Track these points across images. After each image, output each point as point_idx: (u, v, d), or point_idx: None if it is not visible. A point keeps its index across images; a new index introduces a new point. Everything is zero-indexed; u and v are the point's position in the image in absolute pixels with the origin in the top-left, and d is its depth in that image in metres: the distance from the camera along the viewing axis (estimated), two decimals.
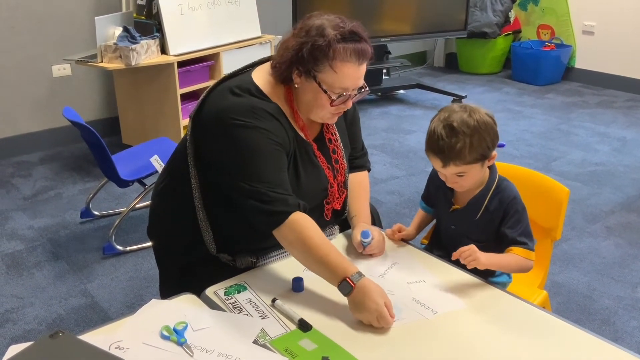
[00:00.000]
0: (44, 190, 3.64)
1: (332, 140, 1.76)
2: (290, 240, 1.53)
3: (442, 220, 1.82)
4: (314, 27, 1.54)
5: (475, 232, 1.71)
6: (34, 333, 2.39)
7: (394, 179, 3.79)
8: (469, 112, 1.59)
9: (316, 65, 1.54)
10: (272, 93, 1.62)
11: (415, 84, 5.47)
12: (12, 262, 2.88)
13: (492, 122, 1.61)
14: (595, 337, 1.37)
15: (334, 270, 1.47)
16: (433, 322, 1.43)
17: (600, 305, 2.56)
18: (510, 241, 1.65)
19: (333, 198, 1.74)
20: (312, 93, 1.58)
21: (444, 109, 1.63)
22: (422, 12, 5.15)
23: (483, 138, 1.57)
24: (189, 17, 3.87)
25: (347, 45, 1.53)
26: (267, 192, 1.52)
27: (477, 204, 1.69)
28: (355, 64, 1.55)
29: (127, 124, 4.29)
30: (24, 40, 3.99)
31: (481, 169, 1.64)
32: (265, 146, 1.55)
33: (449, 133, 1.56)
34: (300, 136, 1.66)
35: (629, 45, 5.45)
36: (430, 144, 1.60)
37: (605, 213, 3.36)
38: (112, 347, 1.31)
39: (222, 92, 1.62)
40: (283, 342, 1.34)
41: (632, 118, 4.93)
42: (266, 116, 1.56)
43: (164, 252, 1.86)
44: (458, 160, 1.57)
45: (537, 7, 5.98)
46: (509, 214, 1.66)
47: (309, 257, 1.51)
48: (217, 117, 1.58)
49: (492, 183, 1.68)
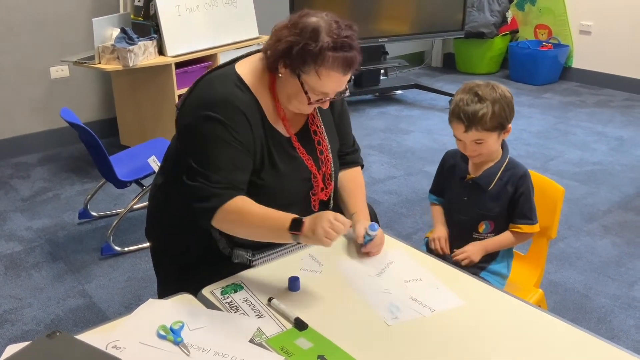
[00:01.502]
0: (42, 191, 3.65)
1: (318, 132, 1.78)
2: (229, 226, 1.58)
3: (454, 194, 1.94)
4: (309, 28, 1.54)
5: (487, 202, 1.86)
6: (32, 334, 2.39)
7: (391, 179, 3.80)
8: (492, 86, 1.79)
9: (302, 67, 1.55)
10: (254, 83, 1.65)
11: (413, 84, 5.48)
12: (10, 263, 2.88)
13: (511, 98, 1.80)
14: (592, 336, 1.37)
15: (279, 220, 1.52)
16: (430, 320, 1.43)
17: (597, 304, 2.57)
18: (518, 214, 1.85)
19: (318, 189, 1.76)
20: (293, 88, 1.61)
21: (468, 83, 1.82)
22: (419, 13, 5.16)
23: (503, 108, 1.76)
24: (186, 18, 3.88)
25: (337, 55, 1.53)
26: (209, 186, 1.56)
27: (491, 175, 1.85)
28: (341, 74, 1.57)
29: (125, 125, 4.29)
30: (22, 41, 4.00)
31: (497, 140, 1.81)
32: (225, 139, 1.58)
33: (474, 99, 1.75)
34: (276, 129, 1.68)
35: (626, 44, 5.46)
36: (456, 109, 1.78)
37: (602, 212, 3.36)
38: (109, 346, 1.32)
39: (204, 83, 1.67)
40: (279, 341, 1.35)
41: (629, 117, 4.94)
42: (235, 111, 1.59)
43: (162, 252, 1.87)
44: (479, 126, 1.74)
45: (534, 7, 5.98)
46: (520, 188, 1.84)
47: (250, 227, 1.57)
48: (193, 107, 1.63)
49: (505, 159, 1.87)
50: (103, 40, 3.69)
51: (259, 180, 1.64)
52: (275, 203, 1.60)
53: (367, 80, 5.28)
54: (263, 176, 1.65)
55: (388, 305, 1.47)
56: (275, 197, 1.64)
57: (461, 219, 1.91)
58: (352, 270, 1.63)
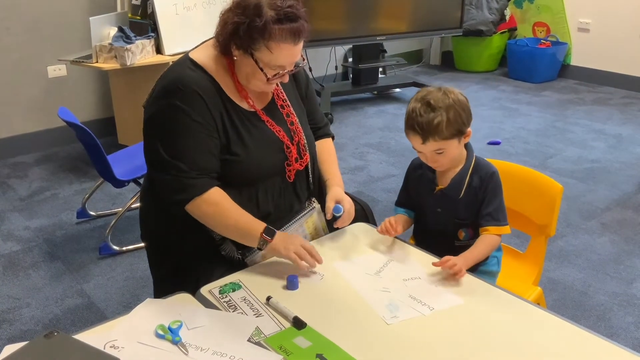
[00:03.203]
0: (40, 191, 3.64)
1: (284, 106, 1.81)
2: (205, 212, 1.62)
3: (427, 206, 1.85)
4: (252, 5, 1.56)
5: (461, 211, 1.77)
6: (31, 333, 2.39)
7: (390, 177, 3.80)
8: (444, 92, 1.69)
9: (252, 44, 1.58)
10: (211, 66, 1.67)
11: (411, 82, 5.47)
12: (8, 263, 2.88)
13: (465, 101, 1.71)
14: (591, 334, 1.37)
15: (250, 229, 1.61)
16: (429, 319, 1.43)
17: (596, 301, 2.57)
18: (484, 215, 1.74)
19: (292, 159, 1.77)
20: (250, 67, 1.63)
21: (421, 91, 1.73)
22: (417, 11, 5.16)
23: (459, 114, 1.66)
24: (184, 17, 3.87)
25: (283, 27, 1.55)
26: (182, 176, 1.59)
27: (460, 182, 1.76)
28: (291, 44, 1.58)
29: (122, 124, 4.29)
30: (19, 40, 3.99)
31: (458, 146, 1.72)
32: (185, 124, 1.60)
33: (427, 109, 1.66)
34: (239, 106, 1.69)
35: (625, 42, 5.46)
36: (410, 121, 1.69)
37: (601, 210, 3.36)
38: (107, 346, 1.31)
39: (160, 78, 1.69)
40: (277, 340, 1.35)
41: (627, 115, 4.94)
42: (188, 92, 1.60)
43: (157, 252, 1.86)
44: (437, 135, 1.65)
45: (532, 4, 5.98)
46: (488, 187, 1.75)
47: (224, 225, 1.63)
48: (151, 99, 1.67)
49: (471, 161, 1.77)
50: (100, 39, 3.68)
51: (231, 156, 1.66)
52: (250, 177, 1.66)
53: (365, 78, 5.28)
54: (233, 150, 1.66)
55: (387, 304, 1.47)
56: (249, 171, 1.68)
57: (439, 229, 1.82)
58: (350, 269, 1.63)
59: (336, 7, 4.76)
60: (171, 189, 1.61)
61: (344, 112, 5.07)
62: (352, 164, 4.01)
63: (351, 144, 4.36)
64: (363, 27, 4.89)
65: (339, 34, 4.84)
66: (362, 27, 4.89)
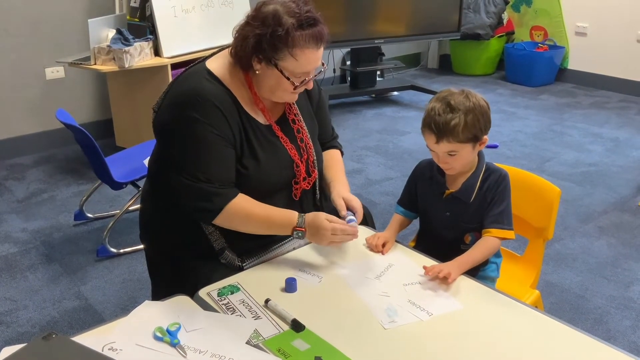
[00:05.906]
0: (37, 193, 3.63)
1: (296, 120, 1.79)
2: (236, 224, 1.64)
3: (434, 210, 1.83)
4: (270, 16, 1.55)
5: (470, 215, 1.75)
6: (28, 336, 2.38)
7: (388, 180, 3.80)
8: (466, 94, 1.66)
9: (276, 54, 1.57)
10: (226, 76, 1.65)
11: (409, 86, 5.48)
12: (5, 265, 2.87)
13: (486, 107, 1.68)
14: (588, 337, 1.37)
15: (282, 226, 1.63)
16: (427, 324, 1.43)
17: (593, 304, 2.57)
18: (489, 217, 1.72)
19: (300, 178, 1.76)
20: (274, 79, 1.62)
21: (443, 90, 1.70)
22: (415, 14, 5.17)
23: (477, 119, 1.64)
24: (182, 19, 3.87)
25: (305, 32, 1.55)
26: (204, 187, 1.58)
27: (471, 186, 1.74)
28: (314, 49, 1.59)
29: (120, 126, 4.28)
30: (17, 42, 3.98)
31: (472, 152, 1.70)
32: (206, 138, 1.59)
33: (446, 109, 1.63)
34: (255, 119, 1.69)
35: (622, 46, 5.48)
36: (427, 119, 1.67)
37: (598, 213, 3.37)
38: (105, 348, 1.31)
39: (176, 83, 1.68)
40: (276, 343, 1.34)
41: (625, 118, 4.95)
42: (208, 106, 1.59)
43: (156, 255, 1.86)
44: (451, 137, 1.63)
45: (530, 8, 6.00)
46: (498, 190, 1.73)
47: (256, 227, 1.65)
48: (168, 108, 1.64)
49: (482, 167, 1.76)
50: (99, 41, 3.68)
51: (242, 168, 1.66)
52: (257, 191, 1.65)
53: (364, 81, 5.29)
54: (244, 163, 1.66)
55: (386, 309, 1.47)
56: (257, 186, 1.67)
57: (446, 234, 1.80)
58: (350, 273, 1.63)
59: (335, 11, 4.76)
60: (194, 196, 1.60)
61: (342, 115, 5.08)
62: (350, 166, 4.01)
63: (349, 146, 4.36)
64: (361, 30, 4.90)
65: (337, 37, 4.83)
66: (360, 30, 4.90)
